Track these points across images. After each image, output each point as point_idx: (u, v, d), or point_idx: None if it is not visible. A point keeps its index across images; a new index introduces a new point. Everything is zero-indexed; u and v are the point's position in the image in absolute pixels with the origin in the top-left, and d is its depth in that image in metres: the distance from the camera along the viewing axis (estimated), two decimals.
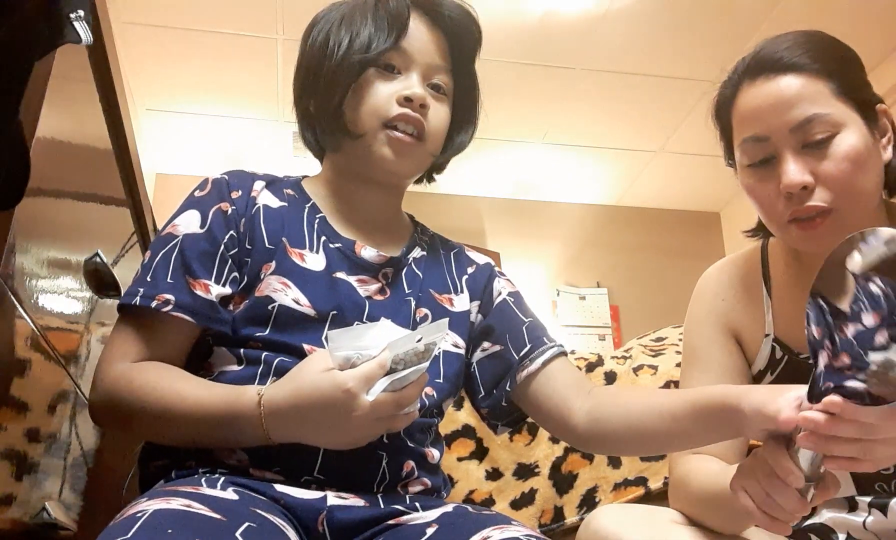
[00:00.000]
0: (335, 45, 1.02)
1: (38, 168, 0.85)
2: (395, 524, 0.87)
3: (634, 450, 1.23)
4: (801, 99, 0.95)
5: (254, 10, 3.04)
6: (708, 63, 3.39)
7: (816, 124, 0.94)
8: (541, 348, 1.05)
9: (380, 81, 1.01)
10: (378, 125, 1.00)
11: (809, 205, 0.94)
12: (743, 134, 0.99)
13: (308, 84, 1.05)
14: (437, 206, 4.54)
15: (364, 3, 1.05)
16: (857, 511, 0.99)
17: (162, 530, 0.67)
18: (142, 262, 0.97)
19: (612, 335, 4.34)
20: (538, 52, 3.38)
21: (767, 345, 1.06)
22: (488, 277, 1.14)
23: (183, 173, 4.12)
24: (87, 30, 0.84)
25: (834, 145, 0.94)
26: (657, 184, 4.43)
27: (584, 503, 1.57)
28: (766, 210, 1.00)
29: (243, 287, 0.96)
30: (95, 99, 1.26)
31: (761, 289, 1.09)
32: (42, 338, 1.02)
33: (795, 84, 0.95)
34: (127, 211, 1.49)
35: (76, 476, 1.22)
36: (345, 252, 1.01)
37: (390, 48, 1.01)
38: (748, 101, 0.99)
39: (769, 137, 0.96)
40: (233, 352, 0.93)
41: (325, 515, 0.85)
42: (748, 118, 0.99)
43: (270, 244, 0.98)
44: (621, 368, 1.71)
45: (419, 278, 1.06)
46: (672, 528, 0.99)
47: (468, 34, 1.09)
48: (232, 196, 1.01)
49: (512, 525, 0.80)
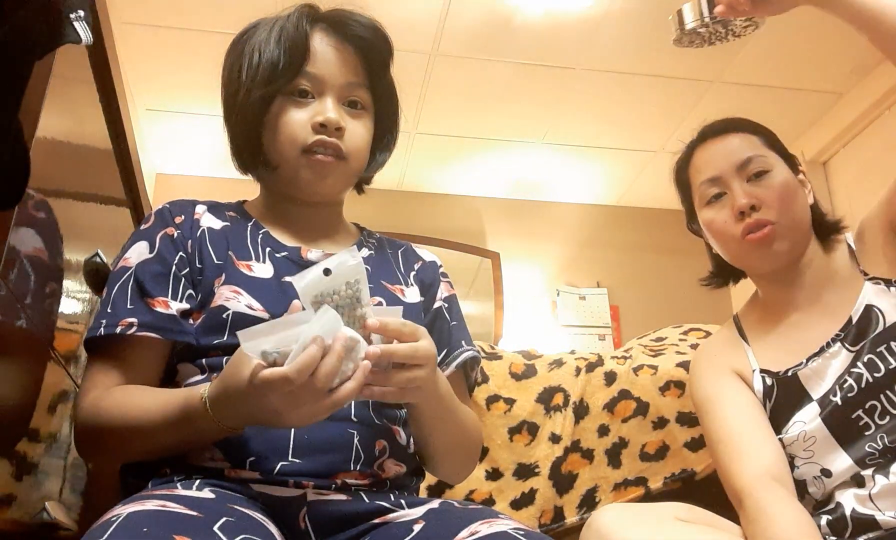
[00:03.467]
0: (243, 73, 1.04)
1: (38, 168, 0.85)
2: (381, 522, 0.87)
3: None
4: (741, 147, 1.26)
5: (254, 10, 3.03)
6: (708, 63, 3.39)
7: (755, 162, 1.24)
8: (455, 352, 1.11)
9: (292, 109, 1.02)
10: (297, 153, 1.02)
11: (757, 218, 1.20)
12: (700, 179, 1.29)
13: (227, 112, 1.07)
14: (437, 206, 4.54)
15: (271, 25, 1.07)
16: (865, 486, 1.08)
17: (138, 530, 0.67)
18: (100, 300, 0.99)
19: (612, 335, 4.33)
20: (538, 52, 3.38)
21: (758, 378, 1.24)
22: (433, 278, 1.17)
23: (183, 173, 4.12)
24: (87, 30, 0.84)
25: (769, 177, 1.23)
26: (657, 184, 4.42)
27: (584, 503, 1.57)
28: (722, 235, 1.25)
29: (199, 302, 0.98)
30: (95, 99, 1.26)
31: (741, 341, 1.31)
32: (42, 338, 1.02)
33: (736, 138, 1.28)
34: (127, 211, 1.49)
35: (76, 476, 1.22)
36: (291, 258, 1.03)
37: (296, 75, 1.02)
38: (701, 156, 1.31)
39: (720, 176, 1.26)
40: (196, 364, 0.95)
41: (307, 512, 0.85)
42: (702, 167, 1.29)
43: (219, 260, 1.00)
44: (621, 368, 1.71)
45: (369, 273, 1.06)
46: (675, 525, 1.00)
47: (377, 45, 1.09)
48: (176, 221, 1.03)
49: (499, 519, 0.80)
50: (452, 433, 1.04)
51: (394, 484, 0.95)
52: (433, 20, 3.15)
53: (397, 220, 3.87)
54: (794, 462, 1.15)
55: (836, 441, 1.11)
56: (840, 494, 1.10)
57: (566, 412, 1.65)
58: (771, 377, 1.22)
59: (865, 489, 1.07)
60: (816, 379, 1.17)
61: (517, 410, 1.67)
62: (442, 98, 3.63)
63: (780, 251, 1.21)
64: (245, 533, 0.72)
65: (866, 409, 1.10)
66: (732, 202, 1.22)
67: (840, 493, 1.10)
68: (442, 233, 4.16)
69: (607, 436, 1.61)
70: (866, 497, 1.07)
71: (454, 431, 1.04)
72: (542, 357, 1.81)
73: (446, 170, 4.20)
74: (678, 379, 1.57)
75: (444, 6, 3.10)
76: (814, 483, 1.13)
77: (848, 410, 1.11)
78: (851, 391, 1.12)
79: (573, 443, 1.62)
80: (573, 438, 1.63)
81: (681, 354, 1.65)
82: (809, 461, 1.13)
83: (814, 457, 1.13)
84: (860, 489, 1.08)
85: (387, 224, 1.29)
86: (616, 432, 1.60)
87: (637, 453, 1.57)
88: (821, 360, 1.18)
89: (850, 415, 1.11)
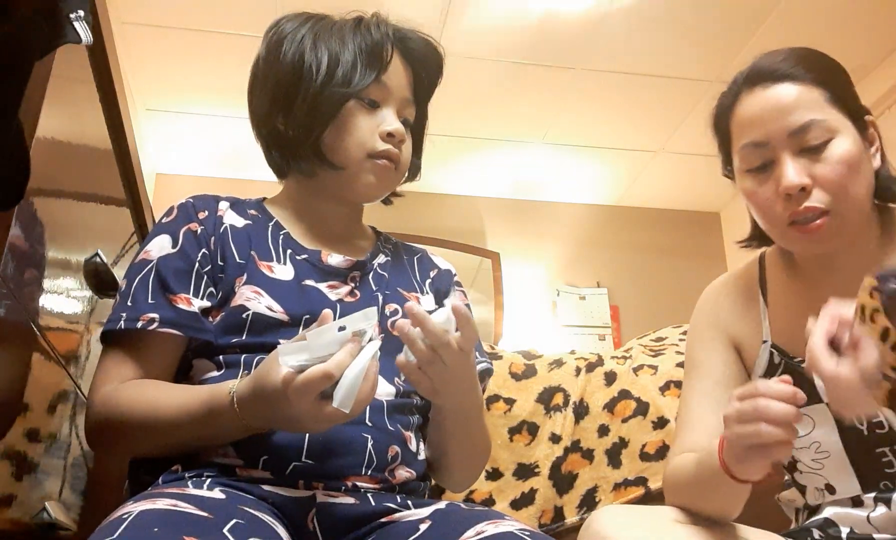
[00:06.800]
0: (313, 69, 1.03)
1: (38, 168, 0.85)
2: (388, 521, 0.87)
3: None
4: (798, 105, 0.99)
5: (254, 10, 3.03)
6: (708, 63, 3.39)
7: (813, 129, 0.98)
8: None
9: (362, 115, 1.04)
10: (363, 157, 1.04)
11: (807, 205, 0.97)
12: (742, 140, 1.03)
13: (279, 102, 1.06)
14: (437, 206, 4.53)
15: (341, 25, 1.07)
16: (863, 507, 1.01)
17: (148, 530, 0.67)
18: (119, 291, 0.98)
19: (612, 335, 4.33)
20: (538, 52, 3.38)
21: (766, 351, 1.09)
22: (448, 286, 1.17)
23: (183, 173, 4.12)
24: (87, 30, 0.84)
25: (830, 150, 0.97)
26: (657, 184, 4.43)
27: (584, 503, 1.57)
28: (764, 213, 1.03)
29: (220, 300, 0.98)
30: (95, 99, 1.26)
31: (758, 297, 1.13)
32: (42, 338, 1.02)
33: (793, 91, 1.00)
34: (127, 211, 1.49)
35: (76, 476, 1.22)
36: (312, 262, 1.04)
37: (371, 82, 1.04)
38: (747, 108, 1.03)
39: (768, 142, 1.00)
40: (213, 360, 0.95)
41: (315, 513, 0.85)
42: (747, 125, 1.02)
43: (241, 259, 1.00)
44: (621, 368, 1.71)
45: (385, 279, 1.09)
46: (674, 527, 0.99)
47: (432, 67, 1.14)
48: (199, 217, 1.03)
49: (505, 520, 0.81)
50: (471, 443, 1.07)
51: (402, 489, 0.95)
52: (433, 20, 3.15)
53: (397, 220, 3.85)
54: (796, 465, 1.09)
55: (851, 467, 1.02)
56: (832, 509, 1.04)
57: (566, 412, 1.66)
58: (781, 356, 1.08)
59: (863, 511, 1.01)
60: None
61: (517, 410, 1.67)
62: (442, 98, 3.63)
63: (830, 241, 0.99)
64: (254, 537, 0.72)
65: (895, 450, 0.99)
66: (779, 178, 0.99)
67: (833, 509, 1.04)
68: (442, 233, 4.15)
69: (607, 436, 1.61)
70: (864, 520, 1.00)
71: (473, 440, 1.07)
72: (542, 357, 1.81)
73: (446, 170, 4.19)
74: (678, 379, 1.57)
75: (444, 6, 3.10)
76: (814, 493, 1.07)
77: (872, 445, 1.00)
78: (882, 428, 0.99)
79: (573, 443, 1.63)
80: (573, 438, 1.63)
81: (681, 353, 1.65)
82: (816, 473, 1.06)
83: (822, 470, 1.05)
84: (857, 509, 1.01)
85: (387, 224, 1.29)
86: (616, 432, 1.60)
87: (637, 453, 1.57)
88: None
89: (873, 449, 1.00)
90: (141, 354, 0.94)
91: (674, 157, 4.13)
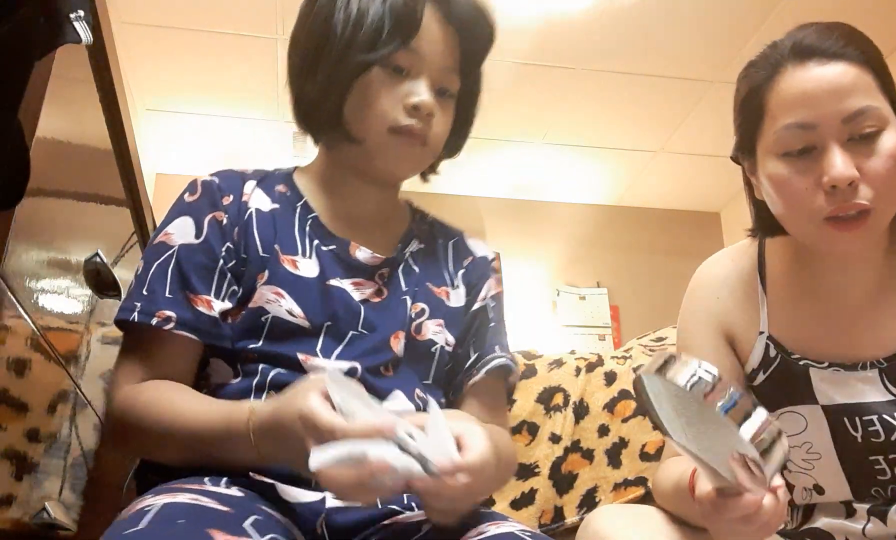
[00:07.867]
0: (338, 29, 0.93)
1: (38, 168, 0.85)
2: (391, 522, 0.87)
3: None
4: (855, 89, 0.89)
5: (254, 10, 3.03)
6: (708, 63, 3.39)
7: (868, 117, 0.88)
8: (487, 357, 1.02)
9: (386, 84, 0.94)
10: (384, 130, 0.94)
11: (854, 202, 0.88)
12: (785, 119, 0.92)
13: (307, 64, 0.97)
14: (437, 206, 4.50)
15: None
16: (856, 518, 0.99)
17: (173, 521, 0.67)
18: (136, 272, 0.93)
19: (612, 335, 4.34)
20: (538, 52, 3.38)
21: (762, 342, 1.04)
22: (482, 273, 1.09)
23: (183, 173, 4.12)
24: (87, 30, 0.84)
25: (881, 141, 0.89)
26: (657, 184, 4.43)
27: (584, 503, 1.57)
28: (796, 204, 0.92)
29: (241, 298, 0.93)
30: (95, 99, 1.26)
31: (757, 285, 1.07)
32: (42, 338, 1.02)
33: (850, 73, 0.90)
34: (127, 211, 1.49)
35: (76, 476, 1.22)
36: (339, 254, 0.98)
37: (400, 47, 0.93)
38: (795, 85, 0.91)
39: (817, 125, 0.89)
40: (230, 364, 0.92)
41: (325, 518, 0.85)
42: (794, 103, 0.91)
43: (264, 253, 0.94)
44: (621, 368, 1.71)
45: (416, 274, 1.03)
46: (671, 527, 0.99)
47: (482, 32, 1.02)
48: (224, 202, 0.97)
49: (508, 521, 0.80)
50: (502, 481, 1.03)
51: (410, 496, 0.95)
52: None
53: None
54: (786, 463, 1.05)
55: (842, 471, 0.98)
56: (825, 519, 1.01)
57: (566, 412, 1.66)
58: (778, 350, 1.02)
59: (857, 523, 0.98)
60: (831, 392, 0.99)
61: (517, 410, 1.67)
62: None
63: (864, 241, 0.92)
64: (272, 533, 0.71)
65: (889, 459, 0.96)
66: (824, 168, 0.88)
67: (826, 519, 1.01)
68: None
69: (607, 436, 1.61)
70: (860, 533, 0.98)
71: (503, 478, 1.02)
72: (542, 357, 1.81)
73: (446, 170, 4.19)
74: None
75: None
76: (802, 493, 1.04)
77: (866, 453, 0.97)
78: (877, 437, 0.95)
79: (573, 443, 1.62)
80: (573, 437, 1.63)
81: None
82: (806, 473, 1.03)
83: (812, 471, 1.02)
84: (850, 521, 0.99)
85: None
86: (616, 432, 1.60)
87: (637, 453, 1.57)
88: (844, 374, 0.98)
89: (867, 456, 0.97)
90: (157, 353, 0.91)
91: (674, 157, 4.13)
